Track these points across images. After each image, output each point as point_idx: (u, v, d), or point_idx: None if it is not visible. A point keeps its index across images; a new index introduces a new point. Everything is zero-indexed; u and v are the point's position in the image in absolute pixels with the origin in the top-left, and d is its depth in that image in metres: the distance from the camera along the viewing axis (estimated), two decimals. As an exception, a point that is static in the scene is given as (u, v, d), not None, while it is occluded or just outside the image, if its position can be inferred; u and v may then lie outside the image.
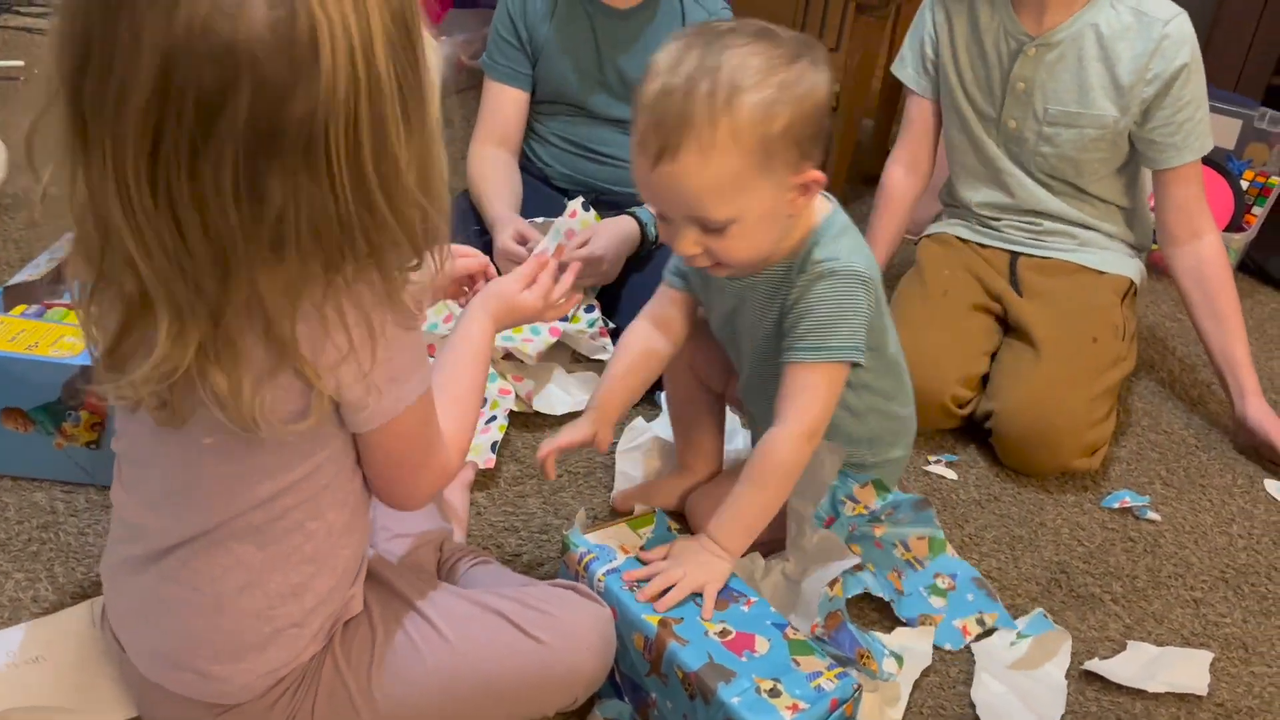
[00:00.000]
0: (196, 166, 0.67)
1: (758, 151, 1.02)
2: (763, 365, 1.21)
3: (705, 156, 1.01)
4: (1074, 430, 1.55)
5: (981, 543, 1.45)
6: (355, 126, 0.69)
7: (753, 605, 1.09)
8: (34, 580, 1.19)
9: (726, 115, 1.00)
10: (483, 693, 0.98)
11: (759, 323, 1.19)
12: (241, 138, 0.67)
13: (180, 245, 0.69)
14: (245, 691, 0.91)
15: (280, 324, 0.75)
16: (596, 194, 1.84)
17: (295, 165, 0.69)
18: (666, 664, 1.02)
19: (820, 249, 1.12)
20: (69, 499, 1.31)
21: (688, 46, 1.03)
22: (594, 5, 1.73)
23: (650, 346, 1.26)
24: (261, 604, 0.89)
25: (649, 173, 1.04)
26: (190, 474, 0.85)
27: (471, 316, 1.06)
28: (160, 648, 0.92)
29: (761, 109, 1.01)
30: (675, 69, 1.02)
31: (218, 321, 0.73)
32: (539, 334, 1.58)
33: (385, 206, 0.73)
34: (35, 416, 1.28)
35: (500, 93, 1.81)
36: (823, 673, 1.02)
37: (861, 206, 2.43)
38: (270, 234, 0.70)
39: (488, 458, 1.44)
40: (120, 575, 0.94)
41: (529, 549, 1.34)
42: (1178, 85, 1.61)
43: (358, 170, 0.71)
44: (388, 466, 0.90)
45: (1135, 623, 1.34)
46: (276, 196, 0.69)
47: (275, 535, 0.87)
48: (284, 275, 0.73)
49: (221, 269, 0.71)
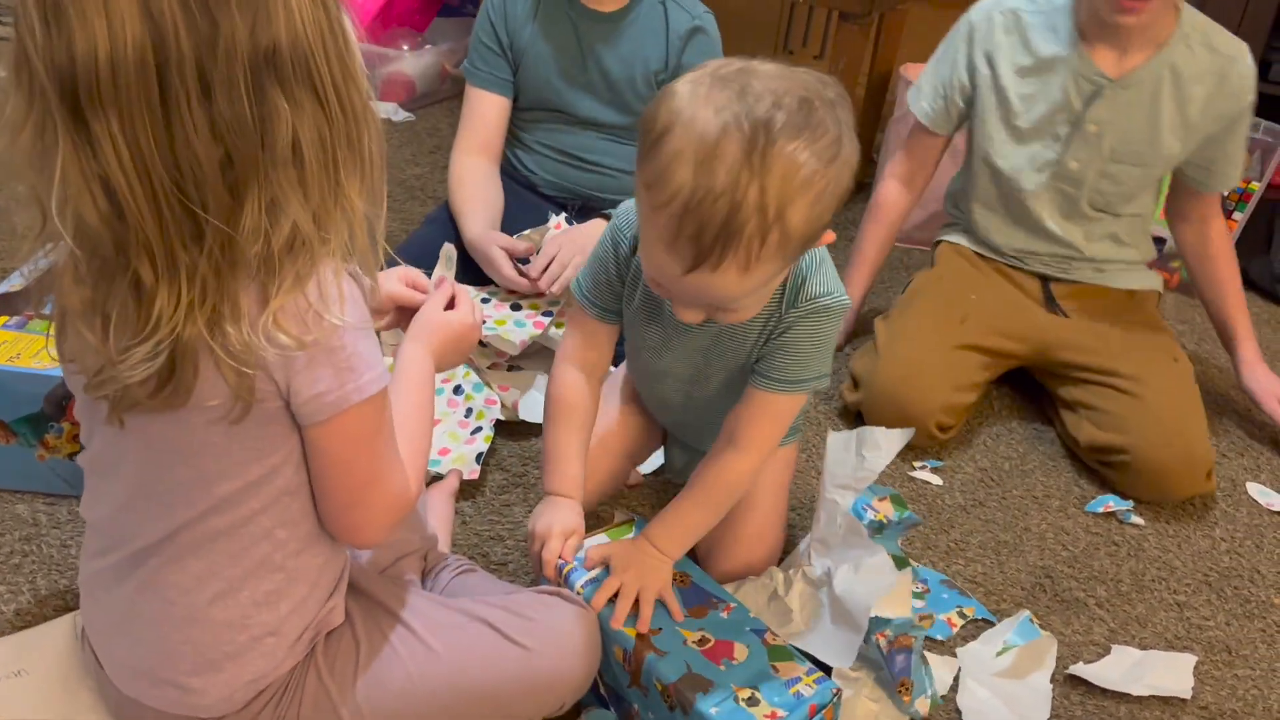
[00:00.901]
0: (208, 94, 0.69)
1: (798, 251, 0.96)
2: (725, 398, 1.17)
3: (748, 270, 0.92)
4: (1206, 455, 1.57)
5: (967, 548, 1.45)
6: (326, 49, 0.74)
7: (731, 611, 1.09)
8: (16, 593, 1.19)
9: (777, 229, 0.90)
10: (469, 701, 0.97)
11: (738, 356, 1.14)
12: (244, 58, 0.70)
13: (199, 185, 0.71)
14: (225, 704, 0.91)
15: (304, 236, 0.76)
16: (583, 201, 1.84)
17: (294, 84, 0.72)
18: (646, 676, 1.02)
19: (812, 283, 1.07)
20: (51, 511, 1.30)
21: (722, 127, 0.88)
22: (576, 8, 1.73)
23: (589, 402, 1.21)
24: (235, 613, 0.88)
25: (678, 276, 0.93)
26: (149, 477, 0.85)
27: (405, 352, 1.05)
28: (137, 662, 0.91)
29: (811, 220, 0.92)
30: (711, 161, 0.88)
31: (233, 273, 0.74)
32: (523, 326, 1.58)
33: (341, 116, 0.76)
34: (17, 428, 1.28)
35: (482, 99, 1.80)
36: (801, 678, 1.02)
37: (846, 213, 2.44)
38: (287, 150, 0.73)
39: (473, 469, 1.44)
40: (94, 590, 0.94)
41: (514, 558, 1.34)
42: (1240, 123, 1.61)
43: (337, 85, 0.75)
44: (336, 477, 0.87)
45: (1120, 626, 1.35)
46: (284, 113, 0.72)
47: (243, 543, 0.87)
48: (300, 184, 0.75)
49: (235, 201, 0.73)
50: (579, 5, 1.73)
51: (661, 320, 1.16)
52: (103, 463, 0.89)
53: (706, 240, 0.89)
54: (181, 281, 0.73)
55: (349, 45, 0.77)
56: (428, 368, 1.04)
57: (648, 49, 1.74)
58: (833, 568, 1.20)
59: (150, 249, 0.72)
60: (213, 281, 0.74)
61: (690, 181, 0.88)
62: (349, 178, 0.78)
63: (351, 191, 0.78)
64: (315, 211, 0.76)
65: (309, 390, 0.81)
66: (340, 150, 0.77)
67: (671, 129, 0.90)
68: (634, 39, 1.74)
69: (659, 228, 0.92)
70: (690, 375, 1.19)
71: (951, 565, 1.41)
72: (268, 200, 0.73)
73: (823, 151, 0.90)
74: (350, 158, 0.78)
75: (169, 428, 0.82)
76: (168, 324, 0.73)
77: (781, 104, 0.89)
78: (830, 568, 1.20)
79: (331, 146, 0.76)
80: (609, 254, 1.15)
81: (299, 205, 0.75)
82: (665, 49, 1.74)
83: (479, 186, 1.75)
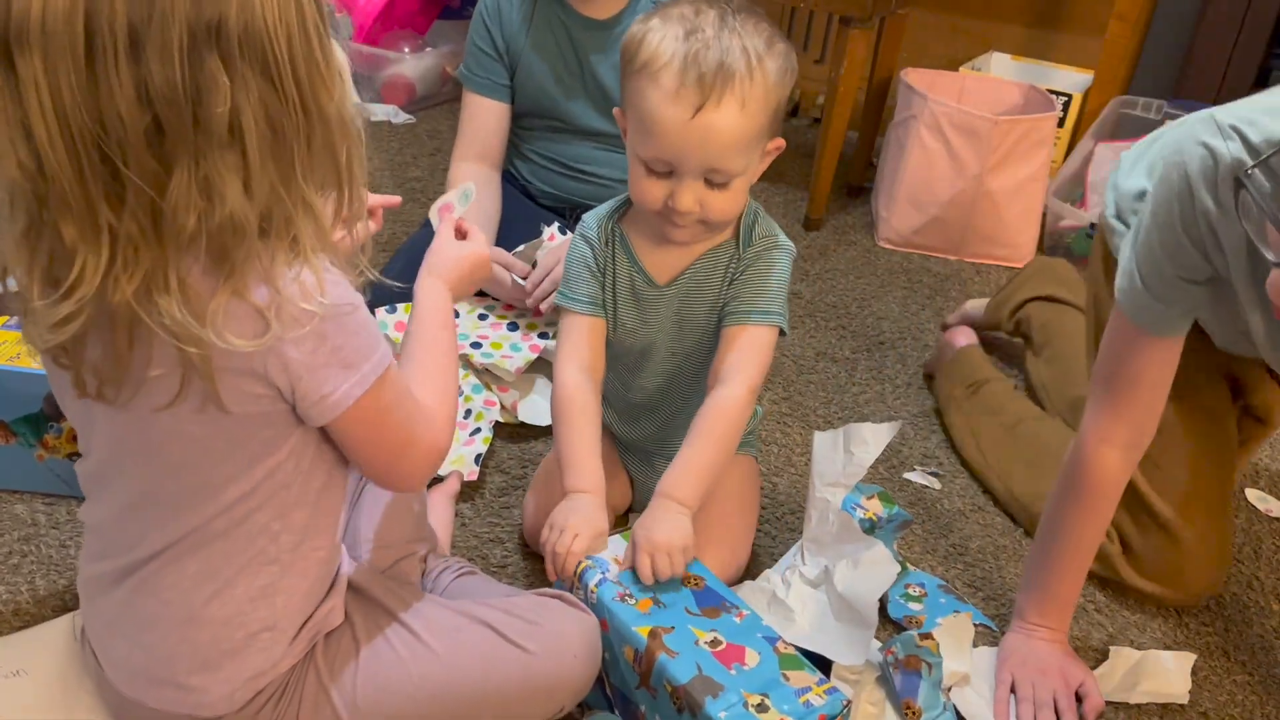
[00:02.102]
0: (138, 55, 0.69)
1: (770, 114, 1.12)
2: (700, 367, 1.26)
3: (743, 108, 1.09)
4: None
5: (966, 552, 1.45)
6: (290, 36, 0.73)
7: (744, 617, 1.08)
8: (15, 593, 1.19)
9: (760, 73, 1.09)
10: (469, 703, 0.97)
11: (707, 307, 1.23)
12: (183, 23, 0.69)
13: (123, 147, 0.70)
14: (225, 703, 0.91)
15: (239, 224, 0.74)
16: (580, 210, 1.83)
17: (240, 61, 0.71)
18: (656, 677, 1.02)
19: (760, 224, 1.22)
20: (50, 511, 1.30)
21: (695, 10, 1.11)
22: (569, 15, 1.72)
23: (594, 400, 1.23)
24: (231, 609, 0.89)
25: (685, 123, 1.08)
26: (153, 485, 0.85)
27: (422, 286, 1.06)
28: (136, 663, 0.91)
29: (778, 75, 1.12)
30: (697, 28, 1.09)
31: (160, 242, 0.73)
32: (519, 350, 1.57)
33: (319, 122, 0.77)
34: (16, 428, 1.28)
35: (479, 105, 1.79)
36: (812, 688, 1.01)
37: (846, 217, 2.45)
38: (223, 126, 0.72)
39: (471, 469, 1.44)
40: (93, 592, 0.94)
41: (514, 560, 1.33)
42: None
43: (298, 78, 0.74)
44: (370, 453, 0.90)
45: (1118, 631, 1.35)
46: (223, 88, 0.71)
47: (240, 541, 0.87)
48: (239, 169, 0.74)
49: (165, 170, 0.71)
50: (573, 12, 1.72)
51: (636, 297, 1.25)
52: (104, 469, 0.89)
53: (708, 78, 1.07)
54: (104, 243, 0.72)
55: (323, 50, 0.77)
56: (445, 301, 1.06)
57: None
58: (830, 566, 1.20)
59: (69, 204, 0.71)
60: (142, 249, 0.73)
61: (683, 43, 1.09)
62: (306, 178, 0.77)
63: (309, 193, 0.78)
64: (263, 202, 0.75)
65: (315, 393, 0.82)
66: (299, 148, 0.76)
67: (652, 27, 1.11)
68: None
69: (663, 86, 1.09)
70: (669, 345, 1.27)
71: (950, 569, 1.41)
72: (201, 176, 0.72)
73: (771, 29, 1.13)
74: (309, 158, 0.77)
75: (169, 437, 0.82)
76: (88, 284, 0.73)
77: (735, 3, 1.13)
78: (828, 566, 1.20)
79: (286, 140, 0.75)
80: (584, 250, 1.26)
81: (237, 191, 0.74)
82: None
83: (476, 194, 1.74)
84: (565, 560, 1.10)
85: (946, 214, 2.27)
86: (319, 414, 0.84)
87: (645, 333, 1.26)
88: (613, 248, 1.25)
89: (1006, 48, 2.73)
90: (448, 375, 1.00)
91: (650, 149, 1.12)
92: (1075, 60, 2.66)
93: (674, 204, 1.13)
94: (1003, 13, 2.76)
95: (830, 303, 2.08)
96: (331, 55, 0.78)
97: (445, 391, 0.98)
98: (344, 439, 0.88)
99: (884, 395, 1.80)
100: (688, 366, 1.28)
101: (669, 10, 1.12)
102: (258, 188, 0.74)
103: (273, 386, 0.81)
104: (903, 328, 2.02)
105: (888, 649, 1.16)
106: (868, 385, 1.82)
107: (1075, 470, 1.18)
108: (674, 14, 1.12)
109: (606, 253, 1.25)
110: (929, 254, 2.33)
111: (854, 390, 1.80)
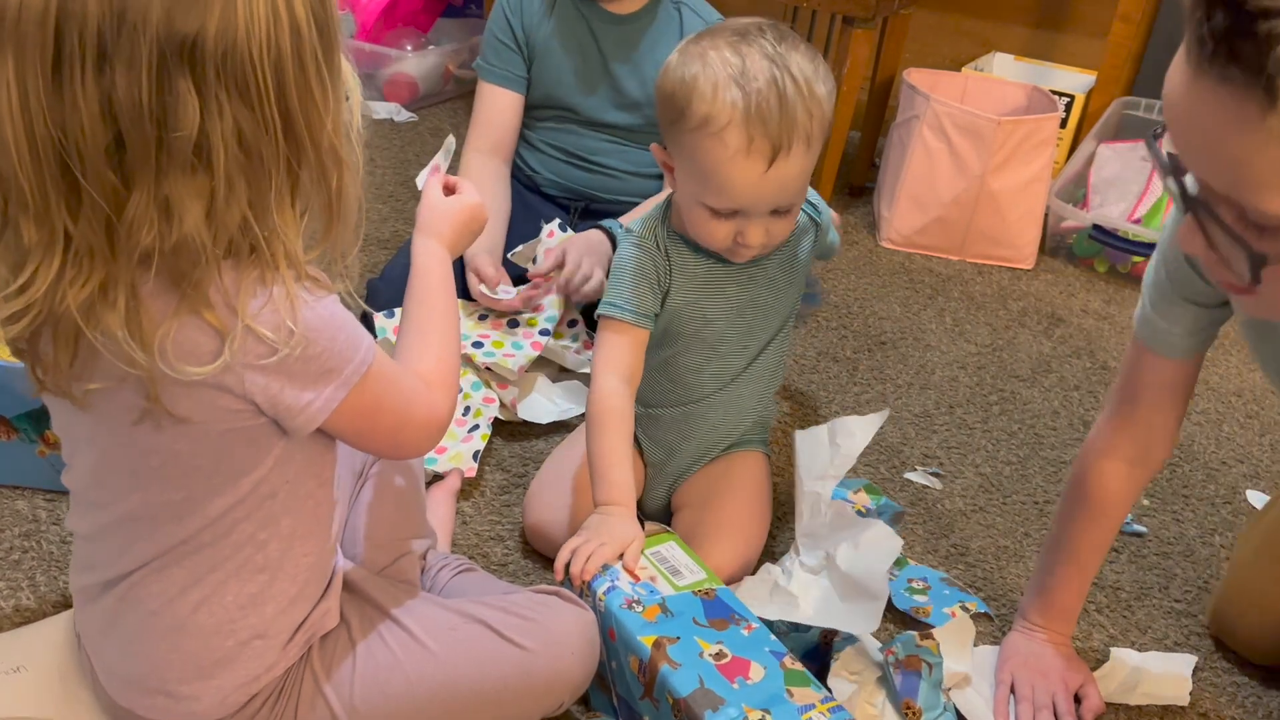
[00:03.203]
0: (105, 68, 0.67)
1: (826, 135, 1.14)
2: (774, 338, 1.32)
3: (809, 147, 1.12)
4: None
5: (967, 553, 1.45)
6: (279, 62, 0.71)
7: (753, 630, 1.06)
8: (15, 589, 1.19)
9: (816, 104, 1.10)
10: (467, 702, 0.97)
11: (785, 287, 1.29)
12: (154, 40, 0.67)
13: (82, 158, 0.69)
14: (218, 708, 0.90)
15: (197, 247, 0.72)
16: (586, 202, 1.84)
17: (216, 85, 0.69)
18: (659, 688, 1.01)
19: (811, 196, 1.27)
20: (51, 507, 1.30)
21: (736, 51, 1.09)
22: (592, 9, 1.72)
23: (630, 409, 1.24)
24: (220, 618, 0.88)
25: (761, 175, 1.10)
26: (138, 503, 0.84)
27: (416, 247, 1.03)
28: (128, 672, 0.91)
29: (828, 99, 1.12)
30: (748, 75, 1.08)
31: (113, 256, 0.71)
32: (521, 349, 1.57)
33: (310, 150, 0.75)
34: (18, 424, 1.28)
35: (494, 96, 1.77)
36: (816, 705, 0.98)
37: (848, 217, 2.46)
38: (187, 148, 0.70)
39: (470, 466, 1.44)
40: (83, 601, 0.93)
41: (515, 558, 1.33)
42: None
43: (285, 105, 0.72)
44: (365, 438, 0.89)
45: (1119, 633, 1.34)
46: (192, 110, 0.69)
47: (226, 550, 0.86)
48: (204, 193, 0.72)
49: (125, 186, 0.70)
50: (595, 7, 1.72)
51: (712, 283, 1.26)
52: (87, 483, 0.88)
53: (774, 130, 1.07)
54: (58, 249, 0.71)
55: (321, 78, 0.74)
56: (442, 259, 1.03)
57: (660, 53, 1.73)
58: (831, 552, 1.19)
59: (28, 206, 0.70)
60: (95, 260, 0.71)
61: (741, 95, 1.07)
62: (284, 204, 0.75)
63: (286, 220, 0.75)
64: (231, 227, 0.73)
65: (296, 405, 0.80)
66: (278, 174, 0.74)
67: (698, 76, 1.09)
68: (649, 44, 1.73)
69: (731, 144, 1.08)
70: (738, 329, 1.29)
71: (951, 569, 1.41)
72: (161, 196, 0.71)
73: (806, 47, 1.12)
74: (292, 185, 0.75)
75: (149, 454, 0.81)
76: (37, 286, 0.71)
77: (761, 25, 1.12)
78: (828, 552, 1.20)
79: (264, 166, 0.73)
80: (643, 258, 1.24)
81: (198, 215, 0.71)
82: None
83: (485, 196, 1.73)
84: (588, 564, 1.10)
85: (949, 214, 2.27)
86: (303, 424, 0.82)
87: (728, 318, 1.27)
88: (668, 250, 1.24)
89: (1009, 48, 2.73)
90: (446, 337, 0.98)
91: (718, 200, 1.13)
92: (1078, 61, 2.66)
93: (744, 241, 1.16)
94: (1006, 13, 2.76)
95: (832, 302, 2.08)
96: (330, 84, 0.76)
97: (443, 355, 0.96)
98: (336, 434, 0.88)
99: (885, 395, 1.80)
100: (747, 360, 1.31)
101: (707, 53, 1.10)
102: (224, 212, 0.72)
103: (250, 402, 0.79)
104: (904, 328, 2.02)
105: (888, 649, 1.15)
106: (869, 385, 1.82)
107: (1076, 480, 1.18)
108: (714, 59, 1.09)
109: (665, 261, 1.24)
110: (931, 254, 2.33)
111: (855, 390, 1.80)
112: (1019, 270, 2.31)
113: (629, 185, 1.81)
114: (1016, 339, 2.03)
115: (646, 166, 1.78)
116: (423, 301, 0.99)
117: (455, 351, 0.99)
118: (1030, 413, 1.80)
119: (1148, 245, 2.22)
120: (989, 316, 2.11)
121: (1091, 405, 1.84)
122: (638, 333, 1.24)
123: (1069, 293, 2.24)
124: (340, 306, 0.82)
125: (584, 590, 1.10)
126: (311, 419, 0.82)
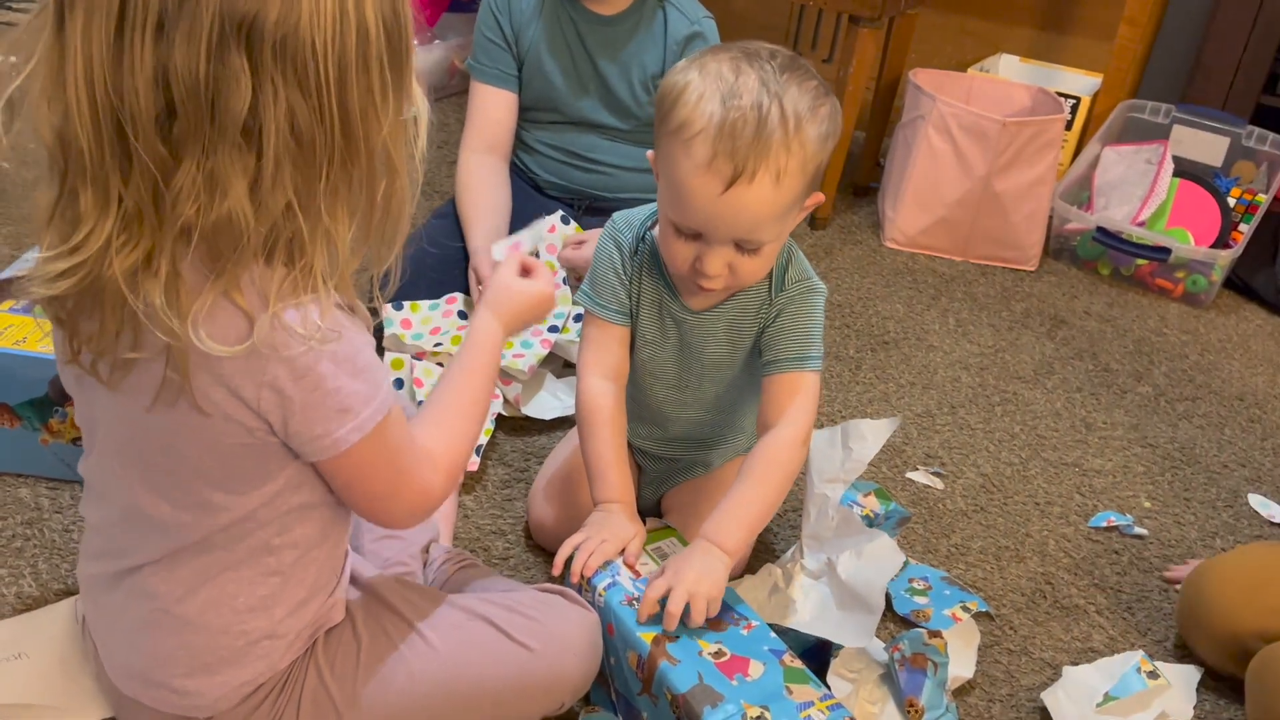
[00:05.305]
0: (163, 36, 0.68)
1: (808, 180, 1.06)
2: (719, 386, 1.25)
3: (778, 183, 1.03)
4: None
5: (968, 553, 1.45)
6: (343, 58, 0.72)
7: (753, 629, 1.06)
8: (17, 576, 1.19)
9: (798, 143, 1.02)
10: (469, 699, 0.97)
11: (734, 343, 1.20)
12: (214, 14, 0.68)
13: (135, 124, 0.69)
14: (221, 703, 0.90)
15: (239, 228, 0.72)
16: (589, 201, 1.84)
17: (271, 66, 0.70)
18: (657, 684, 1.01)
19: (792, 266, 1.17)
20: (54, 495, 1.30)
21: (735, 69, 1.03)
22: (578, 10, 1.73)
23: (618, 407, 1.22)
24: (229, 619, 0.88)
25: (716, 197, 1.03)
26: (150, 503, 0.84)
27: (477, 320, 1.04)
28: (131, 664, 0.91)
29: (820, 141, 1.05)
30: (735, 93, 1.02)
31: (159, 225, 0.72)
32: (530, 348, 1.57)
33: (364, 151, 0.75)
34: (22, 412, 1.28)
35: (488, 95, 1.78)
36: (815, 703, 0.99)
37: (852, 217, 2.45)
38: (237, 125, 0.70)
39: (472, 460, 1.44)
40: (91, 589, 0.94)
41: (516, 552, 1.34)
42: None
43: (344, 101, 0.73)
44: (354, 494, 0.88)
45: (1119, 635, 1.35)
46: (244, 88, 0.69)
47: (240, 554, 0.86)
48: (250, 171, 0.72)
49: (173, 156, 0.70)
50: (580, 8, 1.72)
51: (662, 314, 1.21)
52: (103, 473, 0.88)
53: (741, 152, 1.01)
54: (112, 213, 0.72)
55: (384, 83, 0.75)
56: (493, 339, 1.04)
57: (646, 53, 1.74)
58: (833, 558, 1.20)
59: (86, 169, 0.71)
60: (142, 228, 0.72)
61: (720, 108, 1.02)
62: (331, 201, 0.75)
63: (331, 219, 0.76)
64: (274, 214, 0.73)
65: (308, 432, 0.80)
66: (330, 168, 0.74)
67: (690, 83, 1.04)
68: (635, 44, 1.73)
69: (694, 156, 1.02)
70: (680, 371, 1.25)
71: (952, 569, 1.41)
72: (208, 170, 0.71)
73: (817, 86, 1.06)
74: (342, 183, 0.75)
75: (163, 452, 0.81)
76: (90, 246, 0.72)
77: (774, 52, 1.06)
78: (830, 558, 1.20)
79: (315, 156, 0.73)
80: (611, 254, 1.21)
81: (241, 191, 0.72)
82: (663, 54, 1.74)
83: (485, 192, 1.74)
84: (590, 560, 1.09)
85: (953, 215, 2.27)
86: (311, 452, 0.82)
87: (663, 352, 1.24)
88: (642, 258, 1.20)
89: (1015, 50, 2.73)
90: (469, 423, 0.98)
91: (678, 215, 1.07)
92: (1084, 63, 2.66)
93: (701, 267, 1.09)
94: (1012, 15, 2.76)
95: (835, 302, 2.08)
96: (393, 93, 0.76)
97: (458, 444, 0.96)
98: (330, 476, 0.86)
99: (888, 395, 1.80)
100: (693, 396, 1.26)
101: (708, 64, 1.05)
102: (268, 194, 0.73)
103: (263, 420, 0.79)
104: (907, 328, 2.02)
105: (894, 645, 1.16)
106: (872, 385, 1.82)
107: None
108: (712, 70, 1.04)
109: (635, 262, 1.20)
110: (935, 255, 2.33)
111: (858, 389, 1.80)
112: (1022, 272, 2.31)
113: (628, 182, 1.81)
114: (1019, 340, 2.03)
115: (645, 163, 1.78)
116: (464, 375, 1.00)
117: (471, 441, 0.99)
118: (1032, 414, 1.80)
119: (1151, 248, 2.22)
120: (992, 317, 2.11)
121: (1094, 407, 1.84)
122: (612, 329, 1.22)
123: (1072, 295, 2.24)
124: (371, 351, 0.82)
125: (584, 586, 1.10)
126: (319, 450, 0.82)
